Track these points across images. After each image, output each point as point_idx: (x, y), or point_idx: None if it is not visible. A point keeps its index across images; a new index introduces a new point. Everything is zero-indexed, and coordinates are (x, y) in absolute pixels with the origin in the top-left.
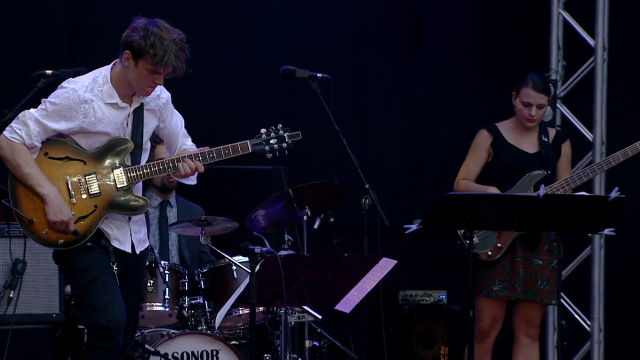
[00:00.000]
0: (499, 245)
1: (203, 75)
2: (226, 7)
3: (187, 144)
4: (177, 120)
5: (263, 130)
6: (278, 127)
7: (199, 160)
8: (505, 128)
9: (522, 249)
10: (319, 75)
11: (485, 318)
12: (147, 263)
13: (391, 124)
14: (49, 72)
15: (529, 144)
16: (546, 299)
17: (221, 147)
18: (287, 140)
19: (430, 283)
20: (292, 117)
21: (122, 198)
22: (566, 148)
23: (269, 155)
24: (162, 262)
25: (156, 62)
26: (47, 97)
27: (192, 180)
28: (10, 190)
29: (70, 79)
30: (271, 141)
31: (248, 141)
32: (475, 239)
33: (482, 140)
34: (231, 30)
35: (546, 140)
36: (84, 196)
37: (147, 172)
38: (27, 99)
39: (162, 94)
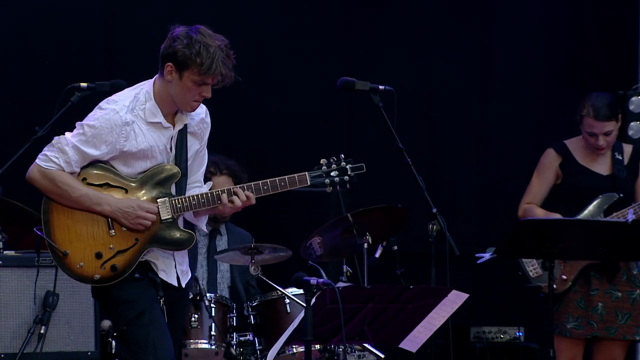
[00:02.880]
0: (564, 277)
1: (251, 89)
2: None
3: (203, 189)
4: (206, 154)
5: (323, 161)
6: (340, 157)
7: (252, 191)
8: (576, 146)
9: (598, 281)
10: (381, 87)
11: (562, 359)
12: (191, 295)
13: (462, 142)
14: (83, 85)
15: (601, 164)
16: (629, 334)
17: (277, 178)
18: (349, 173)
19: (506, 319)
20: (351, 133)
21: (166, 231)
22: None
23: (329, 189)
24: (208, 294)
25: (204, 71)
26: (80, 112)
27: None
28: (44, 219)
29: (109, 98)
30: (332, 173)
31: (307, 173)
32: (538, 270)
33: (550, 160)
34: (282, 39)
35: (620, 158)
36: (124, 228)
37: (194, 204)
38: (60, 114)
39: (206, 117)
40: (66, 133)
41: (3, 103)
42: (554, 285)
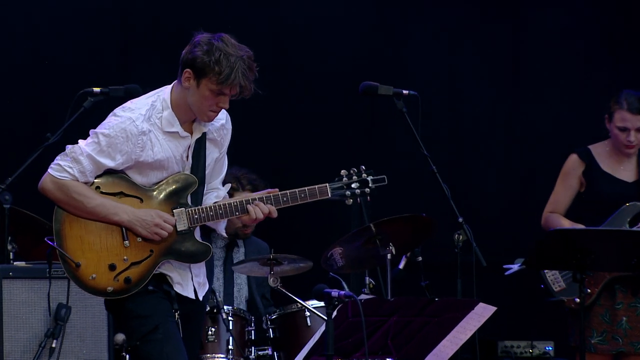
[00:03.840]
0: (588, 290)
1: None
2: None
3: (221, 192)
4: (226, 160)
5: (344, 172)
6: (361, 168)
7: (271, 203)
8: (600, 152)
9: (622, 294)
10: (405, 92)
11: None
12: (208, 308)
13: (489, 149)
14: (97, 89)
15: (627, 171)
16: None
17: (297, 190)
18: (370, 185)
19: (535, 332)
20: (373, 139)
21: (182, 243)
22: None
23: (349, 202)
24: (226, 307)
25: (221, 80)
26: (93, 117)
27: None
28: (56, 229)
29: (125, 105)
30: (352, 185)
31: (327, 185)
32: (562, 283)
33: (573, 167)
34: (303, 43)
35: None
36: (139, 239)
37: (211, 215)
38: (72, 120)
39: (227, 123)
40: (80, 141)
41: (12, 108)
42: (577, 299)
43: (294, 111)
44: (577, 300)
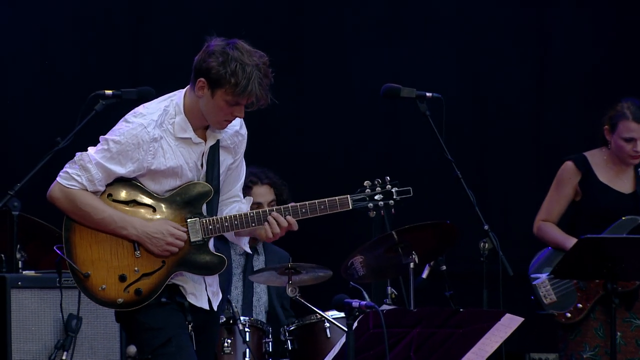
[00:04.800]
0: (579, 305)
1: (291, 95)
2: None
3: (244, 206)
4: (243, 166)
5: (367, 183)
6: (385, 179)
7: (289, 214)
8: (597, 161)
9: (617, 309)
10: (428, 94)
11: None
12: (224, 319)
13: (515, 154)
14: (108, 92)
15: (624, 181)
16: None
17: (316, 201)
18: (395, 197)
19: None
20: (394, 143)
21: (195, 255)
22: None
23: (372, 214)
24: (242, 317)
25: (238, 92)
26: (105, 121)
27: None
28: (65, 237)
29: (137, 110)
30: (376, 197)
31: (349, 197)
32: (552, 296)
33: (569, 175)
34: (323, 44)
35: None
36: None
37: (226, 225)
38: (83, 124)
39: (241, 129)
40: (89, 148)
41: (21, 111)
42: (567, 314)
43: (311, 115)
44: (568, 315)
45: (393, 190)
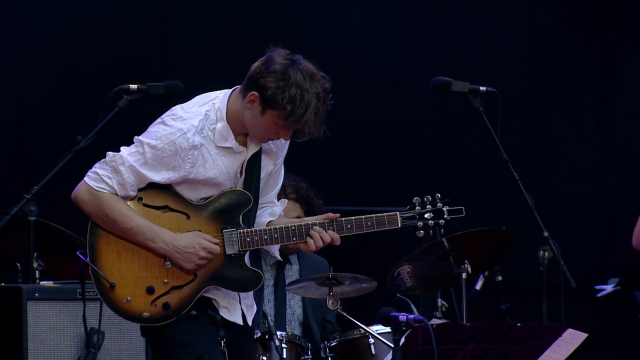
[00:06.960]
0: None
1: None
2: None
3: (277, 208)
4: (282, 171)
5: (416, 200)
6: (436, 197)
7: (333, 229)
8: None
9: None
10: (482, 88)
11: None
12: (259, 334)
13: (578, 155)
14: (133, 86)
15: None
16: None
17: (363, 217)
18: (446, 216)
19: None
20: (445, 142)
21: (229, 269)
22: None
23: (421, 233)
24: (279, 332)
25: (292, 120)
26: (129, 118)
27: None
28: (90, 241)
29: (176, 112)
30: (426, 215)
31: (398, 214)
32: None
33: None
34: (368, 41)
35: None
36: None
37: (265, 239)
38: (106, 121)
39: None
40: (122, 149)
41: (39, 108)
42: None
43: (353, 116)
44: None
45: (444, 209)
